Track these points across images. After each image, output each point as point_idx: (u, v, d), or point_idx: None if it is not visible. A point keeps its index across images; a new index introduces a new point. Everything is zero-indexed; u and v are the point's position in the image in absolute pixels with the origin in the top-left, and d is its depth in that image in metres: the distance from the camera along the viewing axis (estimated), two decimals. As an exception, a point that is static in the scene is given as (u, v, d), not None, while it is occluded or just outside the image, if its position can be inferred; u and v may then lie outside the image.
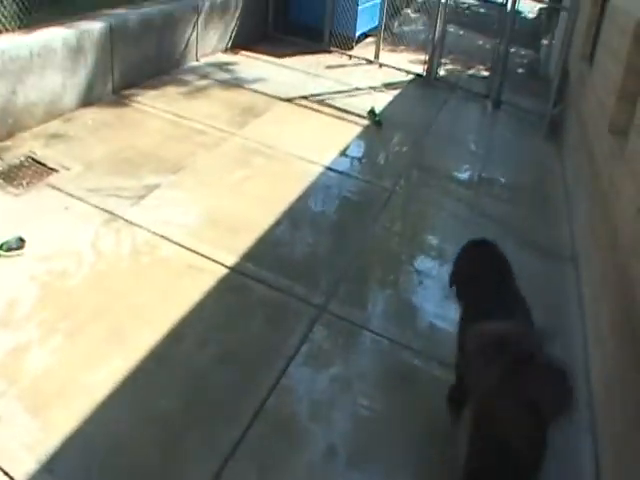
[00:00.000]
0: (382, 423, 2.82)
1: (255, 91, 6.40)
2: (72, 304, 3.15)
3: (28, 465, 2.36)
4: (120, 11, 5.85)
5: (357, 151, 5.59)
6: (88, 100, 5.42)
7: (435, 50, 7.71)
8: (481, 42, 10.01)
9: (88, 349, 2.91)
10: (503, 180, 5.51)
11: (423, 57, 7.95)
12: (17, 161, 4.44)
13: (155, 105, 5.63)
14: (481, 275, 2.65)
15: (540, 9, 13.46)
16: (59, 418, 2.56)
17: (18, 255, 3.47)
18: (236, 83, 6.54)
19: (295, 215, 4.28)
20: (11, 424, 2.52)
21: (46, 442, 2.46)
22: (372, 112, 6.17)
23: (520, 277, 3.89)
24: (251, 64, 7.27)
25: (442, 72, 8.00)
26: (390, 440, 2.75)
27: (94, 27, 5.35)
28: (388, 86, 7.29)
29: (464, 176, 5.49)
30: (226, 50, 7.56)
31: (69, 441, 2.47)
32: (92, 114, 5.27)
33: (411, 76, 7.79)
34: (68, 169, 4.39)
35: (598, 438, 2.90)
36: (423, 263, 4.10)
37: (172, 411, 2.69)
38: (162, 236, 3.79)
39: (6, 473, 2.33)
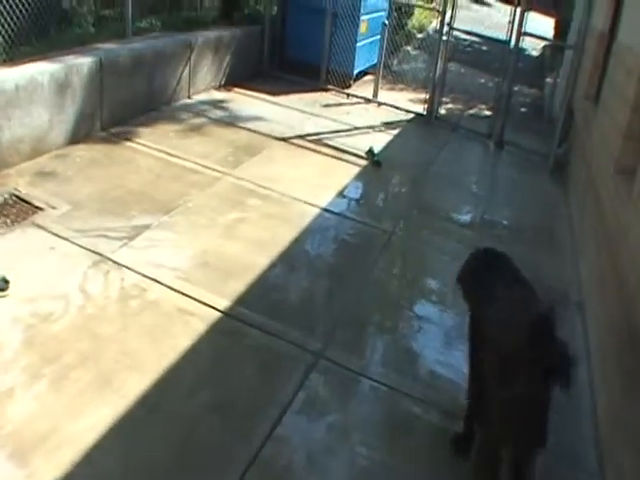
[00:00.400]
0: (381, 473, 2.90)
1: (250, 130, 6.65)
2: (58, 348, 3.24)
3: (10, 516, 2.42)
4: (110, 46, 6.13)
5: (355, 192, 5.79)
6: (76, 137, 5.63)
7: (436, 88, 8.04)
8: (483, 80, 10.43)
9: (74, 396, 2.99)
10: (506, 222, 5.70)
11: (423, 96, 8.28)
12: (1, 199, 4.58)
13: (146, 143, 5.84)
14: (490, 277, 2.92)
15: (544, 47, 14.03)
16: (43, 468, 2.62)
17: (2, 297, 3.57)
18: (230, 121, 6.79)
19: (291, 258, 4.43)
20: (-8, 474, 2.58)
21: (29, 492, 2.52)
22: (371, 152, 6.41)
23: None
24: (245, 102, 7.55)
25: (443, 111, 8.32)
26: None
27: (83, 62, 5.59)
28: (387, 125, 7.58)
29: (466, 218, 5.68)
30: (220, 87, 7.87)
31: (53, 492, 2.53)
32: (80, 151, 5.47)
33: (411, 115, 8.10)
34: (54, 208, 4.54)
35: None
36: (423, 308, 4.23)
37: (161, 462, 2.76)
38: (152, 279, 3.91)
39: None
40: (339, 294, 4.19)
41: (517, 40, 7.48)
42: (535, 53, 14.14)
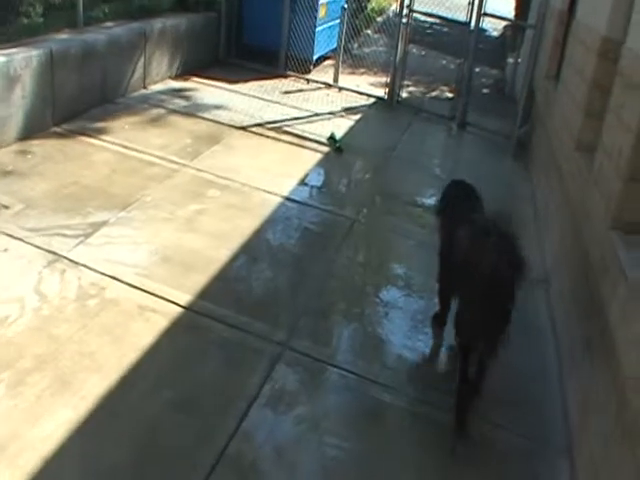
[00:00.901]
0: (352, 462, 2.92)
1: (208, 119, 6.57)
2: (14, 353, 3.17)
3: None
4: (61, 37, 5.98)
5: (317, 179, 5.78)
6: (28, 133, 5.48)
7: (397, 72, 8.05)
8: (445, 62, 10.47)
9: (33, 400, 2.93)
10: (470, 204, 5.74)
11: (384, 79, 8.28)
12: (-51, 200, 4.45)
13: (101, 136, 5.72)
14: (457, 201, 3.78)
15: (505, 27, 14.15)
16: (4, 475, 2.57)
17: (-47, 302, 3.49)
18: (187, 111, 6.70)
19: (253, 249, 4.40)
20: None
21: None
22: (332, 138, 6.40)
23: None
24: (204, 91, 7.45)
25: (405, 94, 8.34)
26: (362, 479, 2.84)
27: (32, 54, 5.43)
28: (348, 111, 7.57)
29: (430, 201, 5.71)
30: (176, 76, 7.74)
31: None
32: (32, 147, 5.33)
33: (372, 99, 8.10)
34: (7, 207, 4.43)
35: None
36: (389, 294, 4.25)
37: (124, 464, 2.73)
38: (111, 276, 3.85)
39: None
40: (303, 283, 4.19)
41: (477, 21, 7.52)
42: (496, 34, 14.25)
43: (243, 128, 6.47)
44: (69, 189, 4.76)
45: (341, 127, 6.90)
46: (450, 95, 8.70)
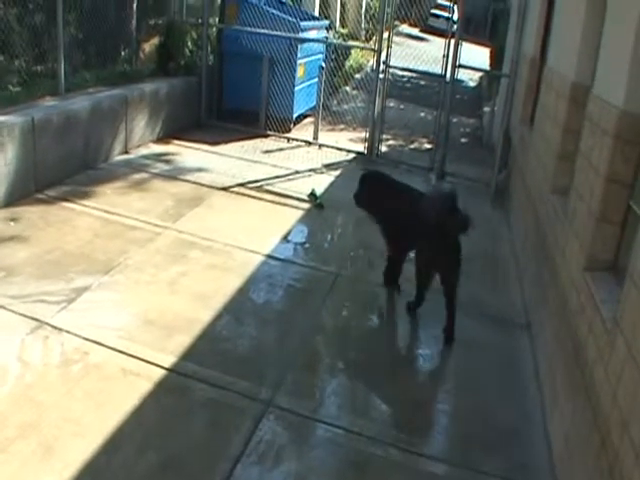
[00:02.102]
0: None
1: (189, 182, 6.78)
2: (-2, 419, 3.24)
3: None
4: (43, 104, 6.22)
5: (300, 236, 5.96)
6: (9, 200, 5.63)
7: (375, 126, 8.37)
8: (423, 114, 10.87)
9: (15, 469, 2.97)
10: (452, 253, 5.92)
11: (364, 134, 8.58)
12: None
13: (83, 202, 5.89)
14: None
15: (481, 77, 14.76)
16: None
17: None
18: (169, 175, 6.92)
19: (236, 308, 4.52)
20: None
21: None
22: (313, 194, 6.62)
23: (474, 348, 4.25)
24: (184, 154, 7.70)
25: (384, 148, 8.65)
26: None
27: (14, 122, 5.62)
28: (328, 167, 7.84)
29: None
30: (158, 140, 8.01)
31: None
32: (15, 214, 5.47)
33: (352, 155, 8.40)
34: (-12, 277, 4.54)
35: None
36: (371, 345, 4.36)
37: (110, 529, 2.77)
38: (94, 341, 3.94)
39: None
40: (287, 339, 4.29)
41: (452, 72, 7.87)
42: (473, 84, 14.83)
43: (225, 189, 6.68)
44: (52, 255, 4.89)
45: (322, 183, 7.14)
46: (429, 146, 9.02)
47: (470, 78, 14.54)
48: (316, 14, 12.25)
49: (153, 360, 3.83)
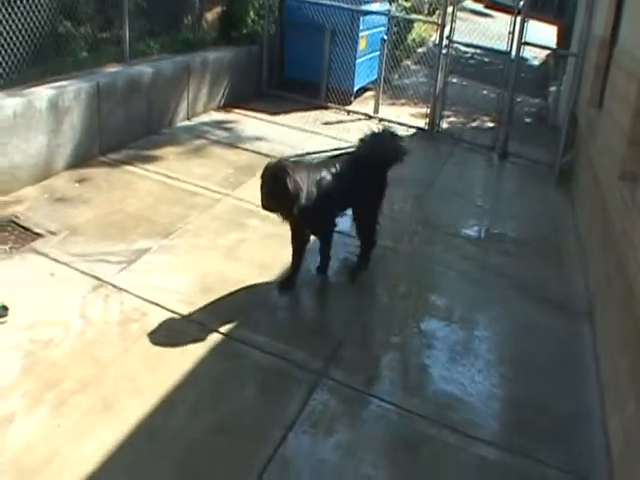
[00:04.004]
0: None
1: (249, 150, 6.75)
2: (58, 374, 3.29)
3: None
4: (108, 70, 6.27)
5: (357, 208, 5.83)
6: (75, 162, 5.73)
7: (437, 102, 8.13)
8: (485, 92, 10.51)
9: (75, 421, 3.03)
10: (513, 234, 5.73)
11: (425, 110, 8.36)
12: (-1, 226, 4.67)
13: (145, 166, 5.93)
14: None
15: (547, 56, 14.17)
16: (44, 495, 2.66)
17: (1, 323, 3.64)
18: (230, 142, 6.90)
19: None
20: (-7, 502, 2.62)
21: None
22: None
23: (533, 333, 4.09)
24: (245, 122, 7.67)
25: (445, 125, 8.40)
26: None
27: (80, 87, 5.70)
28: (389, 141, 7.64)
29: (471, 232, 5.72)
30: (219, 108, 7.99)
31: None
32: (79, 176, 5.56)
33: (413, 130, 8.18)
34: (54, 234, 4.62)
35: None
36: (429, 324, 4.25)
37: (163, 486, 2.79)
38: (152, 302, 3.96)
39: None
40: (342, 312, 4.23)
41: (517, 50, 7.56)
42: (538, 62, 14.26)
43: (284, 159, 6.60)
44: (114, 217, 4.94)
45: (381, 157, 6.97)
46: (491, 125, 8.72)
47: (535, 56, 13.96)
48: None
49: (209, 325, 3.82)
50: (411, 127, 8.25)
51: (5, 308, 3.73)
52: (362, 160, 4.42)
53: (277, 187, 3.89)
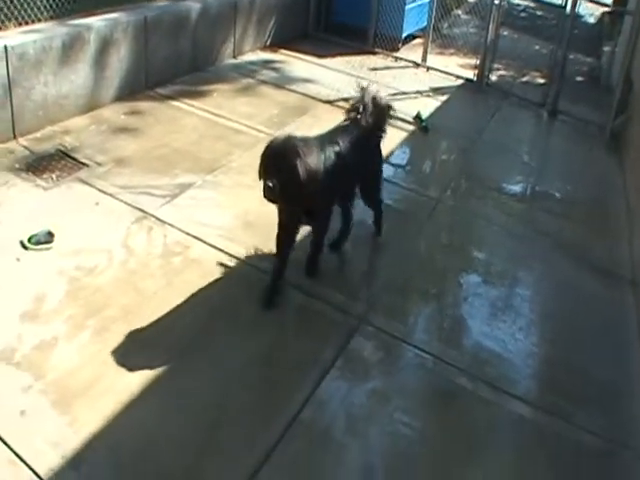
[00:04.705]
0: (422, 442, 2.84)
1: (294, 91, 6.54)
2: (101, 301, 3.27)
3: (53, 461, 2.46)
4: (156, 4, 6.07)
5: (401, 157, 5.64)
6: (122, 95, 5.63)
7: (487, 54, 7.74)
8: (537, 47, 9.98)
9: (116, 348, 3.01)
10: (559, 194, 5.48)
11: (474, 61, 7.98)
12: (47, 154, 4.62)
13: (191, 102, 5.80)
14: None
15: (603, 13, 13.41)
16: (85, 417, 2.66)
17: (47, 249, 3.62)
18: (275, 82, 6.69)
19: (334, 221, 4.33)
20: (36, 419, 2.63)
21: (71, 440, 2.55)
22: (418, 117, 6.23)
23: (576, 296, 3.92)
24: (291, 63, 7.42)
25: (494, 78, 8.02)
26: (429, 462, 2.76)
27: (128, 20, 5.55)
28: (436, 91, 7.35)
29: (516, 189, 5.49)
30: (265, 48, 7.75)
31: (95, 440, 2.57)
32: (126, 109, 5.47)
33: (460, 81, 7.84)
34: (99, 164, 4.56)
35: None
36: (470, 278, 4.11)
37: (199, 416, 2.76)
38: (194, 236, 3.90)
39: (30, 467, 2.44)
40: (383, 260, 4.12)
41: (573, 5, 7.12)
42: (593, 20, 13.52)
43: (330, 102, 6.39)
44: (159, 151, 4.85)
45: (427, 107, 6.70)
46: (542, 81, 8.30)
47: (591, 13, 13.22)
48: None
49: (250, 261, 3.76)
50: (459, 77, 7.90)
51: (51, 234, 3.71)
52: (365, 129, 3.79)
53: (286, 174, 3.04)
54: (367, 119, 3.78)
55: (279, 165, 3.04)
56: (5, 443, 2.51)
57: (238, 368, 3.03)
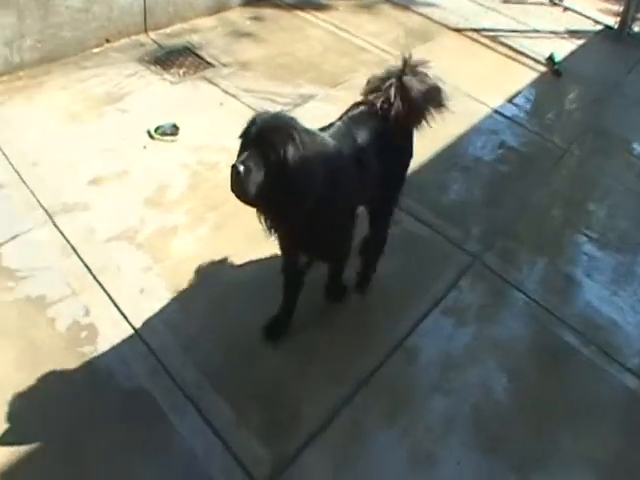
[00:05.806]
0: (519, 397, 2.70)
1: (422, 15, 6.17)
2: (220, 197, 3.25)
3: (165, 339, 2.53)
4: None
5: (528, 99, 5.24)
6: (248, 0, 5.47)
7: (632, 1, 7.00)
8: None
9: (231, 242, 3.02)
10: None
11: (616, 8, 7.25)
12: (175, 50, 4.59)
13: (316, 14, 5.58)
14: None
15: None
16: (197, 303, 2.70)
17: (172, 141, 3.62)
18: (402, 3, 6.32)
19: (456, 154, 4.14)
20: (152, 298, 2.70)
21: (183, 322, 2.61)
22: (551, 59, 5.76)
23: None
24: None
25: (637, 29, 7.28)
26: (522, 419, 2.62)
27: None
28: (572, 34, 6.75)
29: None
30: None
31: (204, 326, 2.61)
32: (252, 14, 5.34)
33: (600, 27, 7.16)
34: (224, 65, 4.49)
35: None
36: (589, 238, 3.83)
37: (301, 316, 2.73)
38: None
39: (144, 341, 2.51)
40: (502, 203, 3.89)
41: None
42: None
43: (457, 30, 5.99)
44: (283, 59, 4.72)
45: (561, 49, 6.17)
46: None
47: None
48: None
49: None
50: (598, 23, 7.21)
51: (176, 127, 3.71)
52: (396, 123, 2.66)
53: (271, 155, 2.02)
54: (400, 110, 2.63)
55: (262, 142, 2.02)
56: (125, 317, 2.58)
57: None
